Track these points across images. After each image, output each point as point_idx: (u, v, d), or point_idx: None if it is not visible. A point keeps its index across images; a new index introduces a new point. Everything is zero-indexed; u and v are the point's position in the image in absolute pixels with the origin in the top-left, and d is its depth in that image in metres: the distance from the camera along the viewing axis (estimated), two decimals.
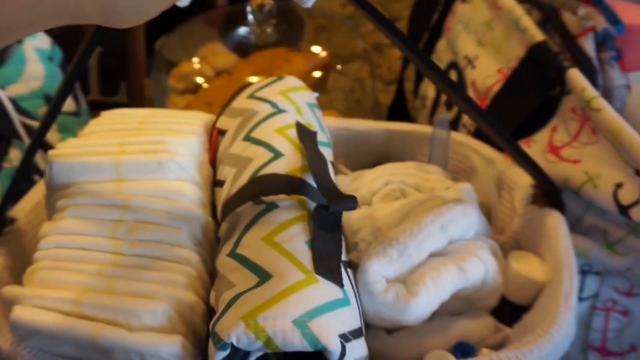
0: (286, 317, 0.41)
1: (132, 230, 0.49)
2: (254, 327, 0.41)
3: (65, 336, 0.44)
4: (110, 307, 0.44)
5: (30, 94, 0.75)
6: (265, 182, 0.51)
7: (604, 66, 0.64)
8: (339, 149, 0.69)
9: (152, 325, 0.44)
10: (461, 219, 0.53)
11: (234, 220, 0.51)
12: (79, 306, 0.45)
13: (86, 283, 0.46)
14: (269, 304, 0.42)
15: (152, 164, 0.51)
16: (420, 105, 0.89)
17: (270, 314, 0.41)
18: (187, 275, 0.48)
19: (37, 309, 0.45)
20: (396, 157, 0.68)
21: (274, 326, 0.41)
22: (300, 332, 0.41)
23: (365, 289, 0.48)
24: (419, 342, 0.52)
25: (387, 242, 0.50)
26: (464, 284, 0.51)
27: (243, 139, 0.55)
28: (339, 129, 0.69)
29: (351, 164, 0.69)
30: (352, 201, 0.48)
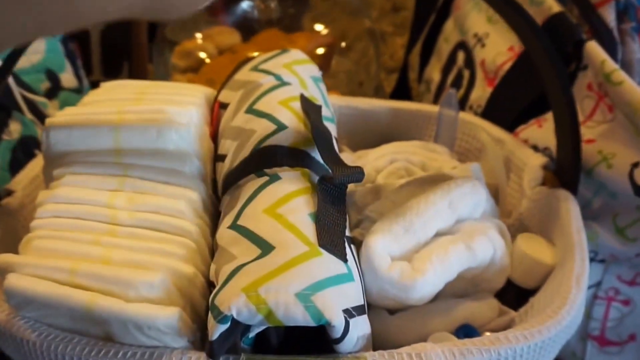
0: (289, 289, 0.40)
1: (130, 200, 0.48)
2: (255, 299, 0.39)
3: (59, 305, 0.42)
4: (105, 277, 0.43)
5: (31, 68, 0.74)
6: (268, 153, 0.49)
7: (625, 38, 0.61)
8: (342, 128, 0.68)
9: (149, 296, 0.42)
10: (470, 197, 0.51)
11: (235, 192, 0.49)
12: (74, 275, 0.43)
13: (82, 252, 0.44)
14: (271, 276, 0.40)
15: (151, 132, 0.49)
16: (425, 89, 0.87)
17: (273, 286, 0.40)
18: (186, 247, 0.46)
19: (31, 278, 0.43)
20: (401, 137, 0.66)
21: (276, 298, 0.39)
22: (303, 306, 0.39)
23: (369, 266, 0.46)
24: (422, 323, 0.50)
25: (393, 218, 0.49)
26: (471, 263, 0.49)
27: (245, 112, 0.54)
28: (343, 108, 0.67)
29: (354, 145, 0.67)
30: (358, 172, 0.46)
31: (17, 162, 0.64)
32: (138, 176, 0.49)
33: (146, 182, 0.49)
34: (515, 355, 0.43)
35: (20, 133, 0.67)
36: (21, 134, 0.67)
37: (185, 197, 0.48)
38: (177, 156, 0.50)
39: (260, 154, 0.49)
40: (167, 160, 0.50)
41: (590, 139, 0.59)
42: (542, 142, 0.63)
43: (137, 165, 0.50)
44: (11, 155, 0.65)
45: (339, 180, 0.46)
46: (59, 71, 0.77)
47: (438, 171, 0.57)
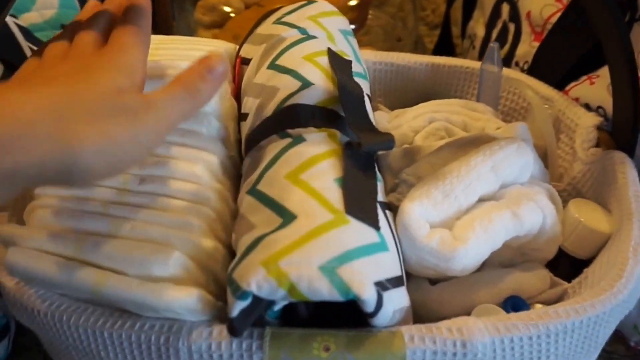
0: (312, 262, 0.36)
1: (142, 164, 0.43)
2: (276, 273, 0.35)
3: (64, 284, 0.39)
4: (114, 255, 0.39)
5: (44, 24, 0.70)
6: (291, 113, 0.45)
7: None
8: (377, 86, 0.63)
9: (164, 276, 0.39)
10: (515, 159, 0.46)
11: (256, 155, 0.45)
12: (79, 251, 0.39)
13: (88, 224, 0.41)
14: (292, 247, 0.36)
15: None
16: (469, 45, 0.81)
17: (295, 259, 0.36)
18: (205, 216, 0.42)
19: (33, 252, 0.40)
20: (440, 95, 0.62)
21: (298, 272, 0.35)
22: (328, 279, 0.35)
23: (406, 233, 0.42)
24: (466, 294, 0.46)
25: (432, 182, 0.44)
26: (518, 232, 0.45)
27: (268, 67, 0.49)
28: (377, 64, 0.62)
29: (389, 103, 0.62)
30: (388, 140, 0.42)
31: None
32: None
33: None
34: (567, 331, 0.39)
35: None
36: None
37: (203, 160, 0.44)
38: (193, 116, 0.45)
39: (283, 113, 0.45)
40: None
41: None
42: (595, 101, 0.58)
43: None
44: None
45: (367, 148, 0.41)
46: None
47: (481, 132, 0.52)
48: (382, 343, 0.38)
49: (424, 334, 0.38)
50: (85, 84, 0.34)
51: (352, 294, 0.35)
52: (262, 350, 0.38)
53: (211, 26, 0.77)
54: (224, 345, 0.38)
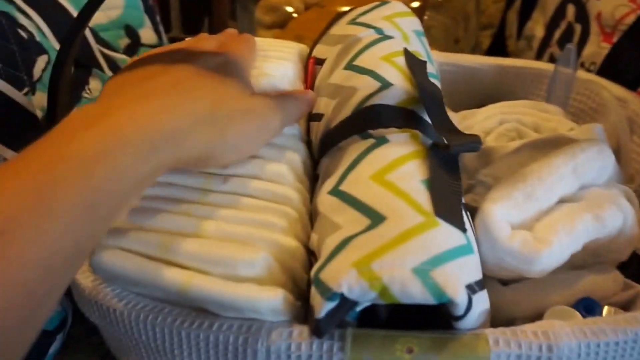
0: (405, 264, 0.36)
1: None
2: (368, 275, 0.35)
3: (150, 284, 0.39)
4: (200, 255, 0.39)
5: (109, 24, 0.71)
6: (372, 113, 0.45)
7: None
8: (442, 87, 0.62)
9: (250, 276, 0.39)
10: (596, 162, 0.46)
11: (336, 155, 0.45)
12: (165, 251, 0.39)
13: (173, 224, 0.41)
14: (385, 250, 0.36)
15: None
16: (525, 46, 0.80)
17: (387, 261, 0.36)
18: (288, 217, 0.42)
19: (120, 252, 0.40)
20: (505, 97, 0.61)
21: (391, 274, 0.35)
22: (421, 282, 0.35)
23: (487, 235, 0.42)
24: (539, 296, 0.46)
25: (513, 183, 0.44)
26: (599, 234, 0.44)
27: (345, 68, 0.49)
28: (443, 64, 0.62)
29: (453, 105, 0.62)
30: (475, 142, 0.42)
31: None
32: None
33: None
34: None
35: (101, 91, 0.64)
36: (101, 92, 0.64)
37: (286, 159, 0.44)
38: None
39: (364, 113, 0.45)
40: None
41: None
42: None
43: None
44: None
45: (454, 149, 0.41)
46: (138, 27, 0.74)
47: (554, 132, 0.52)
48: (466, 346, 0.37)
49: (509, 337, 0.38)
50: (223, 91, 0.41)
51: (445, 297, 0.35)
52: (343, 351, 0.37)
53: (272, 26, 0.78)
54: (304, 346, 0.38)
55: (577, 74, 0.56)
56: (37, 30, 0.57)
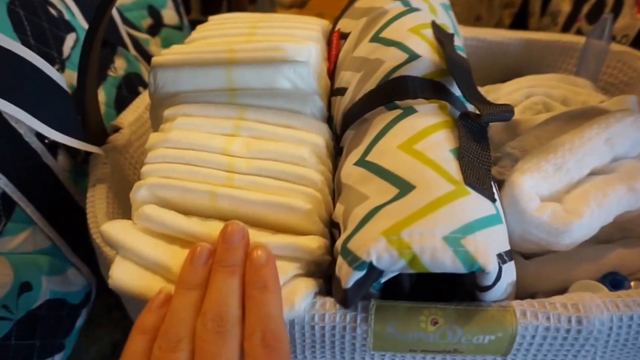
0: (436, 232, 0.35)
1: (248, 146, 0.43)
2: (398, 244, 0.35)
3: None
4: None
5: (133, 5, 0.71)
6: (400, 84, 0.44)
7: None
8: None
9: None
10: (631, 133, 0.45)
11: (362, 127, 0.44)
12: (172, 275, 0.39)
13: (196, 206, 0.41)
14: (415, 218, 0.36)
15: (267, 72, 0.45)
16: (549, 22, 0.79)
17: (417, 229, 0.35)
18: (312, 199, 0.42)
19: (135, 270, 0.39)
20: (531, 71, 0.60)
21: (421, 243, 0.35)
22: (452, 251, 0.35)
23: (515, 207, 0.41)
24: (564, 270, 0.45)
25: (542, 155, 0.43)
26: (632, 206, 0.43)
27: (370, 40, 0.48)
28: (467, 39, 0.61)
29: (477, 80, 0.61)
30: (507, 111, 0.41)
31: (122, 99, 0.62)
32: (255, 119, 0.45)
33: (265, 125, 0.45)
34: None
35: (125, 70, 0.64)
36: (126, 70, 0.64)
37: (308, 142, 0.44)
38: (296, 96, 0.45)
39: (391, 85, 0.44)
40: (286, 100, 0.45)
41: None
42: None
43: (253, 107, 0.45)
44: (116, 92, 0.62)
45: (486, 119, 0.40)
46: (161, 7, 0.74)
47: (588, 105, 0.51)
48: (493, 318, 0.37)
49: (537, 309, 0.37)
50: None
51: (477, 266, 0.35)
52: (367, 322, 0.37)
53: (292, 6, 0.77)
54: (327, 317, 0.38)
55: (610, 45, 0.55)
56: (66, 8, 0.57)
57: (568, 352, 0.38)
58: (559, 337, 0.37)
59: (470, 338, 0.37)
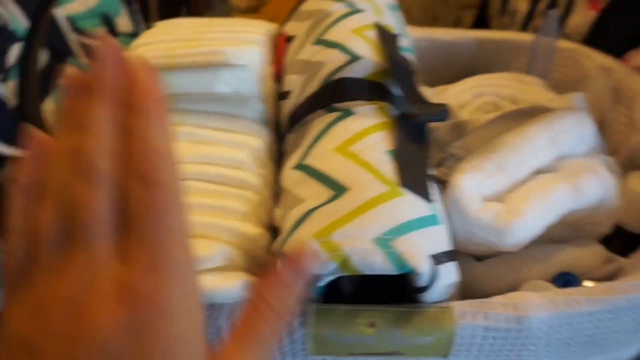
0: (366, 234, 0.35)
1: (187, 151, 0.43)
2: (328, 246, 0.35)
3: None
4: None
5: (86, 13, 0.70)
6: (339, 86, 0.43)
7: None
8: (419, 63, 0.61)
9: (209, 268, 0.38)
10: (574, 131, 0.45)
11: (301, 130, 0.44)
12: None
13: None
14: (347, 220, 0.35)
15: (206, 77, 0.44)
16: (509, 21, 0.79)
17: (348, 231, 0.35)
18: (249, 202, 0.41)
19: None
20: (484, 70, 0.59)
21: (352, 245, 0.34)
22: (383, 252, 0.34)
23: (457, 207, 0.41)
24: (514, 271, 0.45)
25: (484, 155, 0.43)
26: (577, 205, 0.43)
27: (314, 43, 0.48)
28: (420, 40, 0.60)
29: (432, 81, 0.61)
30: (443, 110, 0.41)
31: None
32: (195, 124, 0.45)
33: (204, 130, 0.44)
34: (632, 307, 0.37)
35: None
36: None
37: (247, 146, 0.44)
38: (236, 100, 0.45)
39: (331, 87, 0.44)
40: (226, 105, 0.45)
41: None
42: None
43: (193, 112, 0.45)
44: None
45: (422, 119, 0.40)
46: (115, 15, 0.73)
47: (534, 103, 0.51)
48: (431, 319, 0.37)
49: (477, 309, 0.37)
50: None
51: (408, 267, 0.34)
52: (305, 326, 0.37)
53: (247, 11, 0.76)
54: None
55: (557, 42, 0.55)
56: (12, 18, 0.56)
57: (510, 352, 0.38)
58: (499, 337, 0.37)
59: (409, 340, 0.36)
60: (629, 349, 0.42)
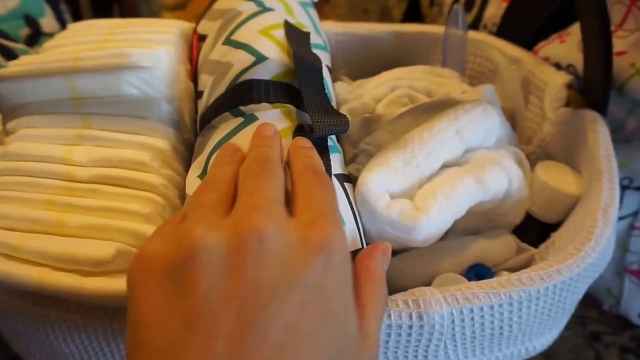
0: None
1: (89, 154, 0.43)
2: None
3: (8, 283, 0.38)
4: (53, 254, 0.38)
5: (7, 15, 0.68)
6: (244, 89, 0.43)
7: None
8: (340, 57, 0.61)
9: (106, 270, 0.38)
10: (480, 123, 0.45)
11: (207, 134, 0.44)
12: (19, 253, 0.38)
13: (32, 217, 0.40)
14: None
15: (109, 79, 0.43)
16: (437, 13, 0.79)
17: None
18: (152, 203, 0.41)
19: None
20: (405, 63, 0.60)
21: None
22: None
23: (365, 206, 0.41)
24: (428, 264, 0.45)
25: (392, 150, 0.43)
26: (482, 197, 0.44)
27: (223, 43, 0.48)
28: (339, 35, 0.60)
29: (353, 74, 0.61)
30: (342, 123, 0.40)
31: None
32: (99, 127, 0.44)
33: (108, 133, 0.44)
34: (531, 299, 0.38)
35: None
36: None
37: (150, 147, 0.43)
38: (142, 102, 0.44)
39: (236, 89, 0.44)
40: (132, 107, 0.44)
41: (621, 51, 0.52)
42: (565, 59, 0.57)
43: (98, 115, 0.44)
44: None
45: (319, 134, 0.39)
46: (39, 16, 0.72)
47: (444, 96, 0.51)
48: None
49: None
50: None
51: None
52: None
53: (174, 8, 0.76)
54: None
55: (468, 35, 0.55)
56: None
57: (418, 348, 0.38)
58: (403, 334, 0.37)
59: None
60: (539, 339, 0.43)
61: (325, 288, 0.28)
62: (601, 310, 0.62)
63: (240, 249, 0.27)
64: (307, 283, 0.27)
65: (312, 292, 0.27)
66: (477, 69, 0.59)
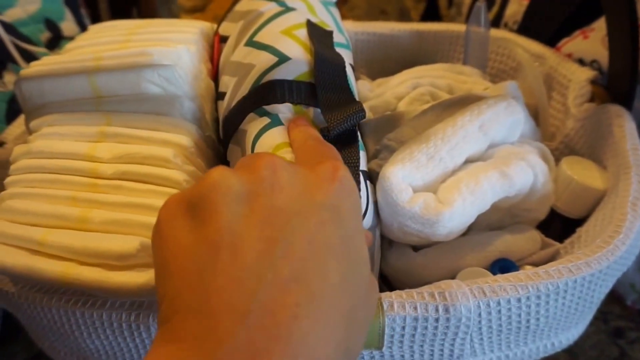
0: None
1: (112, 150, 0.43)
2: None
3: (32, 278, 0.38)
4: (78, 249, 0.38)
5: (28, 19, 0.69)
6: (267, 89, 0.43)
7: None
8: (359, 57, 0.61)
9: (130, 264, 0.38)
10: (504, 118, 0.45)
11: (241, 139, 0.43)
12: (44, 248, 0.39)
13: (57, 213, 0.40)
14: None
15: (131, 78, 0.44)
16: (455, 13, 0.79)
17: None
18: None
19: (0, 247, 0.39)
20: (425, 62, 0.60)
21: None
22: None
23: (387, 199, 0.41)
24: (452, 259, 0.45)
25: (415, 145, 0.43)
26: (507, 192, 0.43)
27: (245, 44, 0.48)
28: (359, 34, 0.60)
29: (372, 74, 0.61)
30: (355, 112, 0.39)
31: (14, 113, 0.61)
32: (121, 124, 0.44)
33: (130, 130, 0.44)
34: (559, 292, 0.38)
35: None
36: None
37: (174, 143, 0.43)
38: (164, 100, 0.45)
39: (259, 91, 0.43)
40: (153, 104, 0.45)
41: None
42: (589, 55, 0.56)
43: (120, 113, 0.45)
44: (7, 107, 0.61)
45: (335, 130, 0.39)
46: (59, 20, 0.73)
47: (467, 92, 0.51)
48: None
49: (404, 299, 0.37)
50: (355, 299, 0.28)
51: None
52: None
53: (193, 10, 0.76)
54: None
55: (489, 32, 0.55)
56: None
57: (443, 341, 0.38)
58: (430, 327, 0.37)
59: None
60: (565, 333, 0.42)
61: (340, 211, 0.29)
62: (624, 306, 0.61)
63: (256, 179, 0.28)
64: (324, 205, 0.29)
65: (330, 214, 0.28)
66: (498, 67, 0.59)
